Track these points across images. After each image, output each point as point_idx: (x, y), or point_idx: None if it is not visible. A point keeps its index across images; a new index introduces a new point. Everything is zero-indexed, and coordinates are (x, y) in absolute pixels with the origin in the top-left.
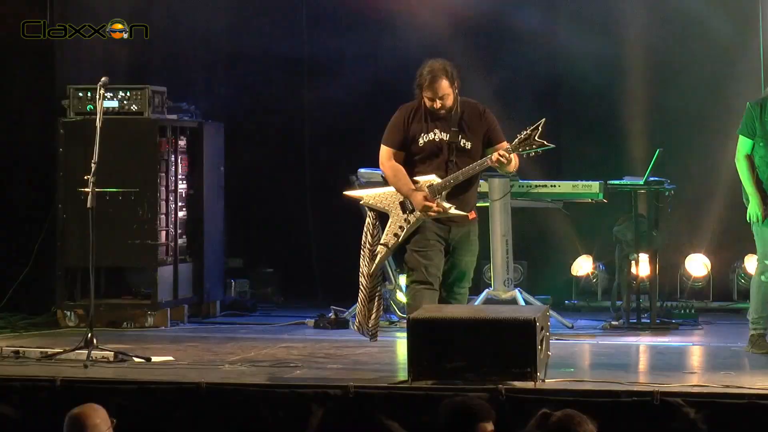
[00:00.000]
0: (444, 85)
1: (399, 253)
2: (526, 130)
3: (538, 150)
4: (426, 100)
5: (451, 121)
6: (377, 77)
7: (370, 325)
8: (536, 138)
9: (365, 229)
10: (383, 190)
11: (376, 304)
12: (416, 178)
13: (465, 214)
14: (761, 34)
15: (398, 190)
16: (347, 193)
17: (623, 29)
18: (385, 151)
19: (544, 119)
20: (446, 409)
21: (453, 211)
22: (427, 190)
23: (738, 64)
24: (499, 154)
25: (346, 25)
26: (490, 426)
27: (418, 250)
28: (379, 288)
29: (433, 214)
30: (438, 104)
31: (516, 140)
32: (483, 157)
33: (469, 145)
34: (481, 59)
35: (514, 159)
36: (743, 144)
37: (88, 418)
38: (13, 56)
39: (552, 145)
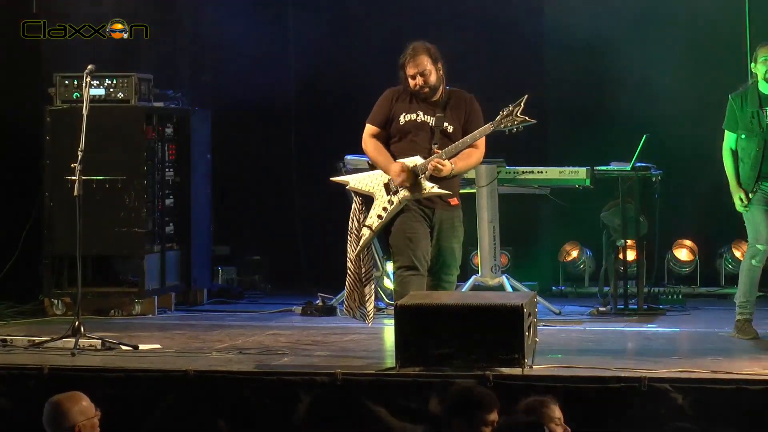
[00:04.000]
0: (425, 60)
1: (385, 240)
2: (509, 107)
3: (520, 126)
4: (409, 80)
5: (437, 106)
6: (364, 64)
7: (367, 309)
8: (518, 114)
9: (352, 214)
10: (368, 174)
11: (369, 288)
12: (400, 160)
13: (447, 192)
14: (747, 20)
15: (377, 165)
16: (334, 178)
17: (611, 14)
18: (367, 129)
19: (526, 95)
20: (454, 394)
21: (435, 190)
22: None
23: (725, 51)
24: (436, 161)
25: (331, 12)
26: (494, 415)
27: (403, 230)
28: (372, 272)
29: (404, 182)
30: (420, 81)
31: (499, 116)
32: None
33: (451, 128)
34: (466, 43)
35: (448, 164)
36: (728, 138)
37: (67, 402)
38: None
39: (533, 120)
